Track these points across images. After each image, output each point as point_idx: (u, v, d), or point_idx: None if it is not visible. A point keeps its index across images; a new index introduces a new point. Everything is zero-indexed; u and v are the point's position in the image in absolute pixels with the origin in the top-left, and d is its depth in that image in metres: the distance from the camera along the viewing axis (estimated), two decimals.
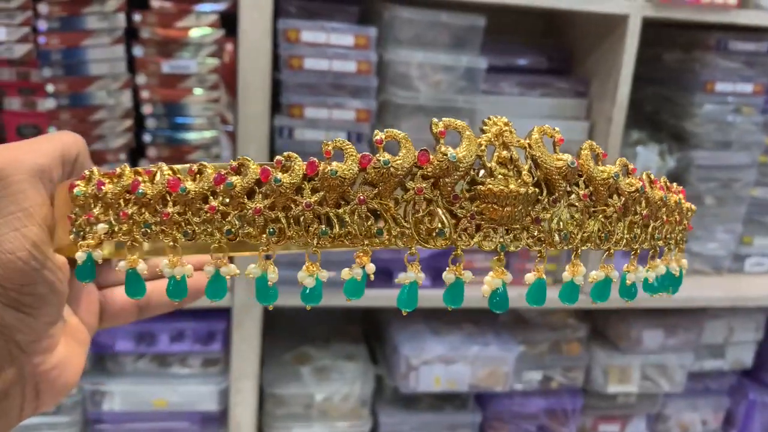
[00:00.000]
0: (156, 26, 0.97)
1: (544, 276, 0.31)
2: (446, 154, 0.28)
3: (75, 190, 0.33)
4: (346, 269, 0.29)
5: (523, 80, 1.17)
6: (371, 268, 0.29)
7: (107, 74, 0.98)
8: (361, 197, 0.28)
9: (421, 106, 1.06)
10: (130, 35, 0.99)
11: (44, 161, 0.33)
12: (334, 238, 0.29)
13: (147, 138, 1.01)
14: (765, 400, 1.38)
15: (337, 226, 0.29)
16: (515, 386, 1.24)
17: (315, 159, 0.29)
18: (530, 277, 0.31)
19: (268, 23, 0.95)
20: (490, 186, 0.29)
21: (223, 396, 1.15)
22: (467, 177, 0.29)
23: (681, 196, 0.36)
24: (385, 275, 1.03)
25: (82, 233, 0.32)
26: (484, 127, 0.30)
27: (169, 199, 0.30)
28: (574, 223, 0.31)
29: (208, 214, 0.29)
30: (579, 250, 0.31)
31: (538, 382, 1.26)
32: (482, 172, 0.29)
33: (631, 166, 0.32)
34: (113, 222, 0.31)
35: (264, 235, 0.29)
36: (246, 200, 0.29)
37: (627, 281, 0.33)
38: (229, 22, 0.99)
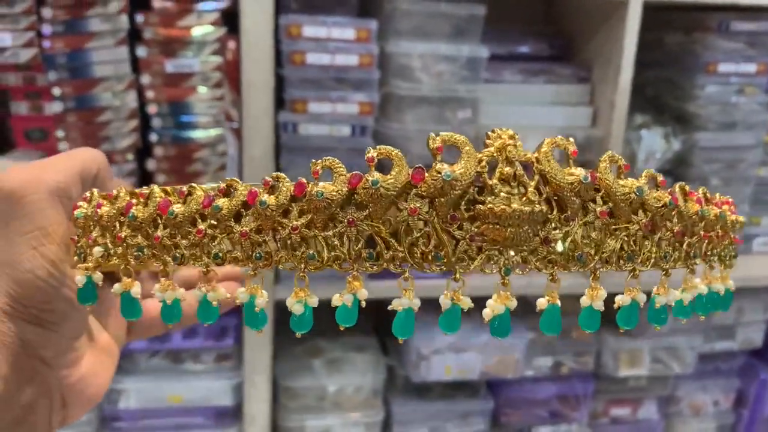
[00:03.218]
0: (158, 26, 0.98)
1: (558, 301, 0.28)
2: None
3: (76, 212, 0.32)
4: (337, 295, 0.28)
5: (524, 68, 1.17)
6: (363, 294, 0.28)
7: (112, 76, 0.99)
8: (351, 219, 0.27)
9: (424, 97, 1.06)
10: (133, 36, 0.99)
11: (62, 179, 0.33)
12: (322, 263, 0.27)
13: (153, 137, 1.02)
14: None
15: (325, 249, 0.27)
16: (526, 373, 1.25)
17: (304, 180, 0.27)
18: (542, 303, 0.29)
19: (269, 19, 0.96)
20: (491, 205, 0.27)
21: (237, 390, 1.17)
22: (466, 195, 0.27)
23: (726, 207, 0.33)
24: None
25: (83, 255, 0.32)
26: (487, 141, 0.28)
27: (159, 222, 0.29)
28: (592, 243, 0.28)
29: (196, 238, 0.28)
30: (597, 272, 0.29)
31: (548, 367, 1.26)
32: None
33: (660, 178, 0.30)
34: (109, 245, 0.31)
35: (251, 260, 0.28)
36: (233, 223, 0.28)
37: (656, 304, 0.30)
38: (230, 19, 0.99)
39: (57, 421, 0.36)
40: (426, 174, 0.27)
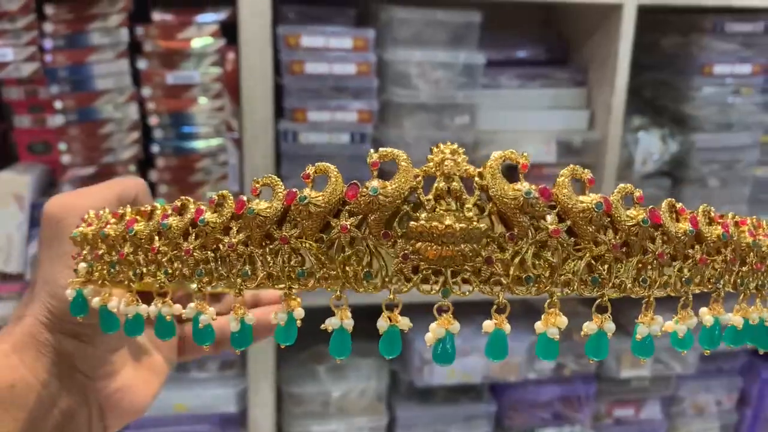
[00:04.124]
0: (158, 39, 0.99)
1: (506, 326, 0.26)
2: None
3: (73, 232, 0.34)
4: (273, 313, 0.27)
5: (521, 72, 1.18)
6: (299, 313, 0.27)
7: (113, 88, 1.00)
8: (284, 236, 0.26)
9: (422, 104, 1.07)
10: (134, 49, 1.01)
11: (97, 204, 0.36)
12: (256, 280, 0.27)
13: (155, 149, 1.03)
14: None
15: (259, 267, 0.27)
16: (528, 375, 1.26)
17: (244, 198, 0.27)
18: (488, 326, 0.26)
19: (267, 30, 0.97)
20: (423, 222, 0.25)
21: (242, 397, 1.17)
22: (400, 212, 0.26)
23: (745, 228, 0.29)
24: None
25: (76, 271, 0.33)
26: (429, 156, 0.27)
27: (126, 239, 0.30)
28: (545, 264, 0.26)
29: (151, 255, 0.29)
30: (555, 297, 0.26)
31: (551, 370, 1.27)
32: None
33: (637, 194, 0.27)
34: (91, 262, 0.32)
35: (194, 276, 0.28)
36: (182, 241, 0.28)
37: (638, 335, 0.27)
38: (229, 31, 1.01)
39: (99, 431, 0.39)
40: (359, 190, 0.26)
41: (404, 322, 0.26)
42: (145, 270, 0.29)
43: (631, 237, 0.26)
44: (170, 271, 0.29)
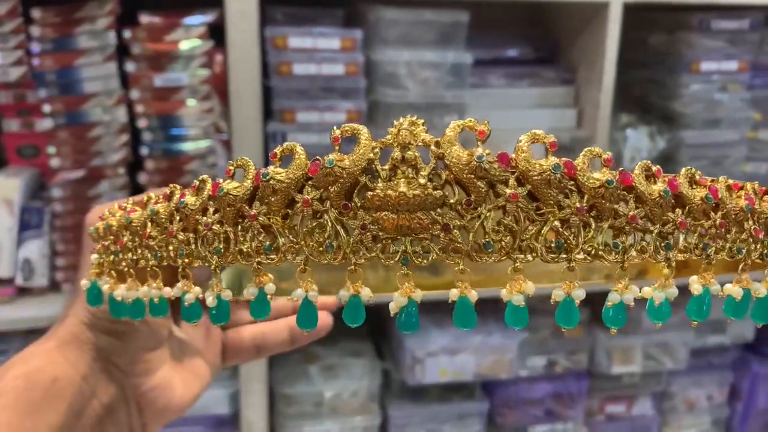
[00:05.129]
0: (146, 41, 0.99)
1: (469, 293, 0.26)
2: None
3: (90, 228, 0.36)
4: (246, 289, 0.28)
5: (510, 72, 1.18)
6: (270, 288, 0.28)
7: (101, 91, 1.00)
8: (253, 213, 0.27)
9: (411, 103, 1.07)
10: (122, 52, 1.01)
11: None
12: (229, 256, 0.28)
13: (144, 151, 1.03)
14: None
15: (232, 244, 0.28)
16: (520, 372, 1.26)
17: (220, 180, 0.28)
18: (454, 293, 0.26)
19: (255, 32, 0.97)
20: (378, 192, 0.26)
21: (234, 399, 1.18)
22: (359, 184, 0.26)
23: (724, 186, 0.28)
24: None
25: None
26: (390, 129, 0.27)
27: (126, 228, 0.32)
28: (505, 230, 0.26)
29: (144, 241, 0.31)
30: (518, 263, 0.26)
31: (542, 367, 1.28)
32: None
33: (605, 156, 0.26)
34: (101, 252, 0.34)
35: (178, 258, 0.29)
36: (169, 224, 0.30)
37: (608, 302, 0.27)
38: (217, 32, 1.01)
39: (138, 427, 0.41)
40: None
41: (366, 293, 0.27)
42: (140, 255, 0.31)
43: (598, 200, 0.26)
44: (160, 255, 0.30)
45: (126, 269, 0.31)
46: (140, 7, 1.00)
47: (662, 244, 0.26)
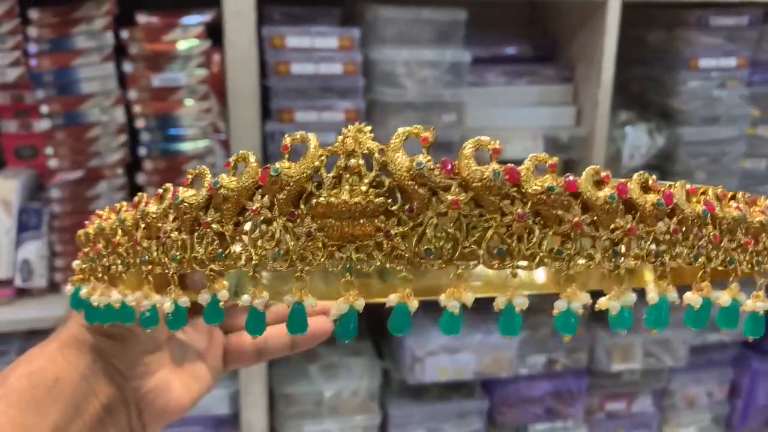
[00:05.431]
0: (143, 41, 0.99)
1: (409, 300, 0.26)
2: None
3: (78, 233, 0.36)
4: (200, 295, 0.29)
5: (508, 70, 1.18)
6: (223, 295, 0.28)
7: (99, 92, 1.00)
8: (207, 221, 0.28)
9: (409, 102, 1.07)
10: (119, 52, 1.00)
11: None
12: (185, 263, 0.28)
13: (142, 151, 1.03)
14: None
15: (188, 251, 0.28)
16: (520, 371, 1.26)
17: (179, 188, 0.29)
18: (392, 299, 0.27)
19: (252, 31, 0.97)
20: (322, 199, 0.26)
21: (234, 399, 1.17)
22: (305, 192, 0.27)
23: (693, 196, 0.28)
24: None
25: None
26: (338, 136, 0.27)
27: (100, 236, 0.32)
28: (447, 236, 0.25)
29: (112, 248, 0.32)
30: (461, 270, 0.26)
31: (542, 365, 1.28)
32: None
33: (550, 161, 0.26)
34: (82, 259, 0.34)
35: (140, 265, 0.30)
36: (135, 232, 0.30)
37: (555, 310, 0.26)
38: (214, 32, 1.00)
39: (138, 427, 0.42)
40: None
41: (310, 301, 0.27)
42: (111, 262, 0.32)
43: (541, 206, 0.25)
44: (127, 261, 0.31)
45: (101, 275, 0.32)
46: (137, 7, 0.99)
47: (612, 251, 0.26)
